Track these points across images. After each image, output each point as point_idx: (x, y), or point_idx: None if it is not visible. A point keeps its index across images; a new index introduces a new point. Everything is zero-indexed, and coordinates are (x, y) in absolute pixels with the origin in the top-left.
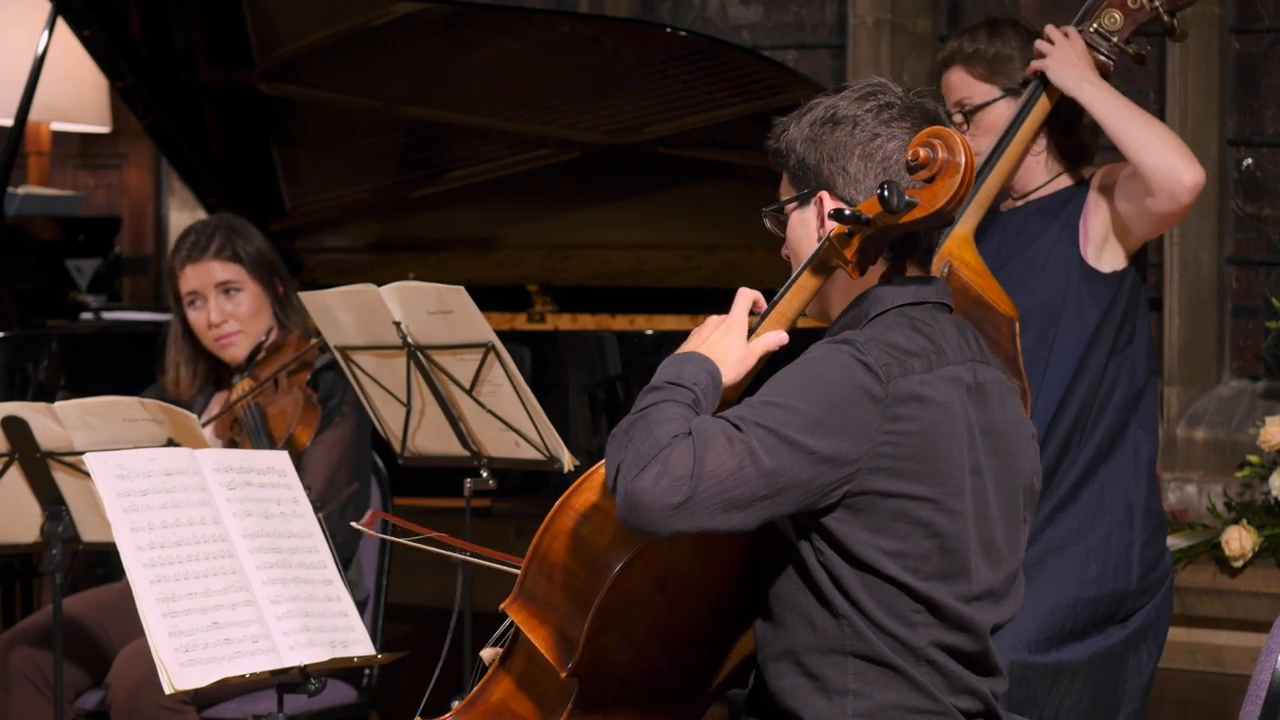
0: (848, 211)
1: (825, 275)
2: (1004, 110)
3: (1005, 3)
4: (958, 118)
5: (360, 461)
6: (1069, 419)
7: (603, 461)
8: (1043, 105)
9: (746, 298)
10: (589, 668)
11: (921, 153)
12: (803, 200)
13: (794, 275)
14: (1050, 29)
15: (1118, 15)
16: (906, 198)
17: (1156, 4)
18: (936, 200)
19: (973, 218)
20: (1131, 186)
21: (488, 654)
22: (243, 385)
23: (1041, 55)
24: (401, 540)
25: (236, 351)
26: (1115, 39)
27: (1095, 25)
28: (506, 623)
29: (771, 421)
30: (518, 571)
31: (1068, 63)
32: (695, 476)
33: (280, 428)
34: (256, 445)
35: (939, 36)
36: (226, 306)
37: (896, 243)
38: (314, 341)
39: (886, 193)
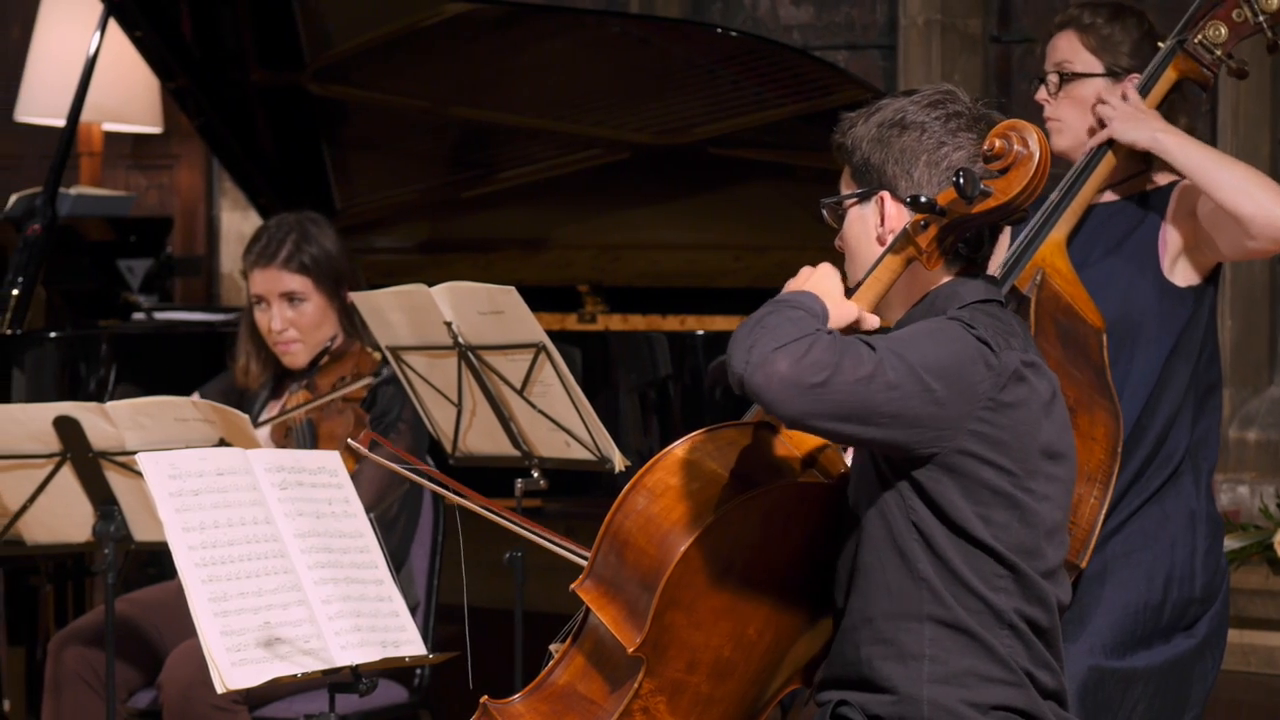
0: (924, 198)
1: (905, 263)
2: (1099, 87)
3: (1056, 1)
4: (1052, 78)
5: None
6: (1150, 442)
7: (675, 444)
8: (1108, 161)
9: (829, 267)
10: (656, 646)
11: (998, 143)
12: (863, 198)
13: (871, 267)
14: (1106, 95)
15: (1223, 29)
16: (981, 186)
17: (1261, 19)
18: (1010, 190)
19: (1065, 225)
20: (1223, 222)
21: (556, 649)
22: (299, 397)
23: (1103, 123)
24: (392, 466)
25: (294, 359)
26: (1219, 52)
27: (1199, 37)
28: (575, 616)
29: (899, 349)
30: (502, 520)
31: (1133, 120)
32: (835, 368)
33: (330, 446)
34: None
35: (990, 37)
36: (289, 314)
37: (968, 241)
38: (376, 355)
39: (962, 180)
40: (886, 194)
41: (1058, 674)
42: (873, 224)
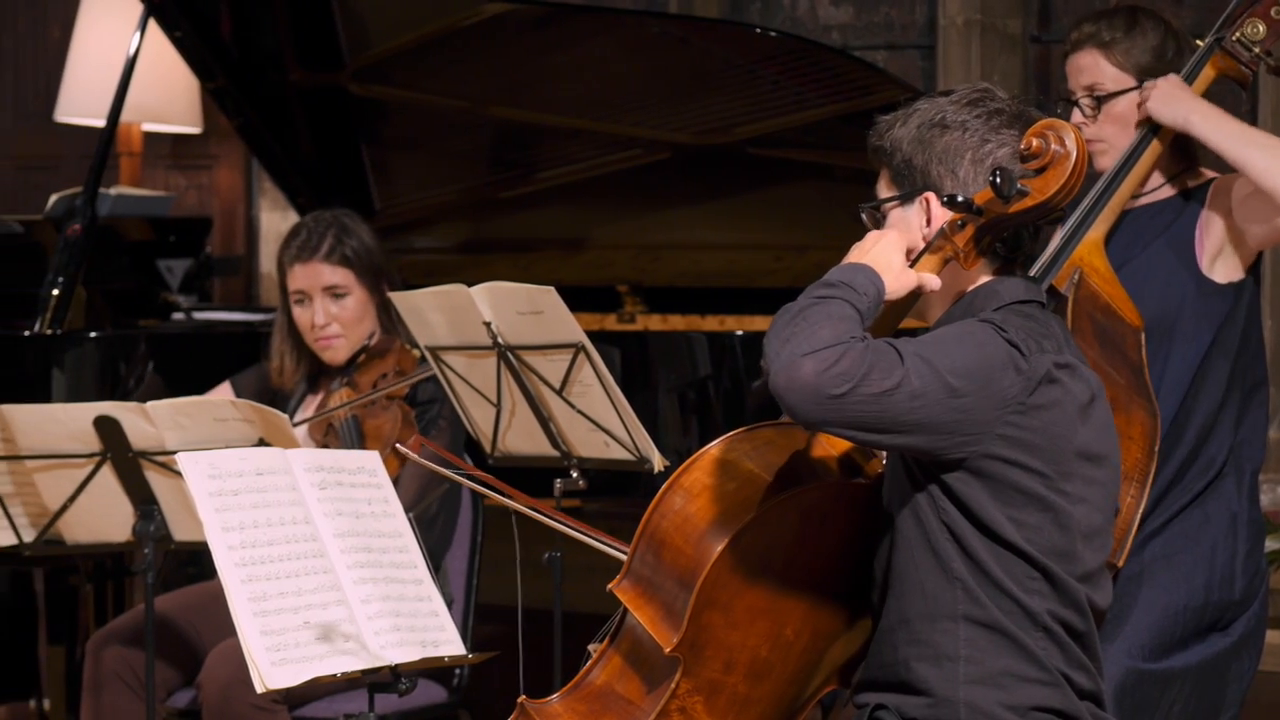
0: (960, 198)
1: (943, 262)
2: (1135, 100)
3: (1097, 1)
4: (1087, 101)
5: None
6: (1189, 441)
7: (712, 444)
8: (1154, 148)
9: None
10: (693, 645)
11: (1035, 143)
12: (905, 199)
13: (921, 251)
14: (1149, 82)
15: (1261, 25)
16: (1018, 186)
17: None
18: (1047, 189)
19: (1104, 223)
20: (1258, 206)
21: (595, 650)
22: (342, 394)
23: (1144, 101)
24: (442, 470)
25: (335, 355)
26: (1257, 49)
27: (1237, 35)
28: (613, 617)
29: (928, 354)
30: (550, 520)
31: (1170, 98)
32: (859, 380)
33: (377, 442)
34: None
35: (1030, 37)
36: (332, 309)
37: (1006, 240)
38: (416, 352)
39: (999, 179)
40: (931, 195)
41: (1094, 675)
42: (917, 225)
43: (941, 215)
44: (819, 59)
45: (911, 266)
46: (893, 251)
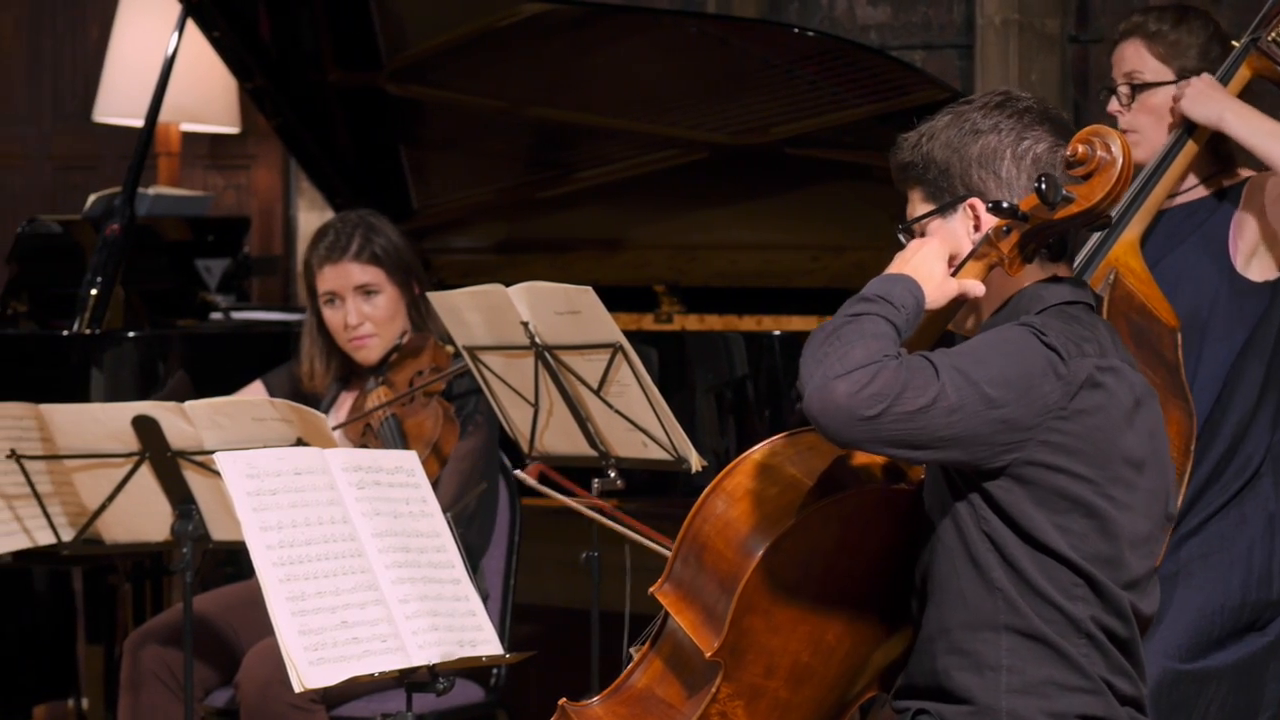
0: (1006, 204)
1: (987, 268)
2: (1171, 95)
3: (1136, 1)
4: (1124, 89)
5: (488, 469)
6: (1224, 440)
7: (754, 448)
8: (1189, 149)
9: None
10: (734, 650)
11: (1080, 149)
12: (947, 209)
13: (966, 257)
14: (1183, 81)
15: None
16: (1064, 192)
17: None
18: (1093, 196)
19: (1139, 224)
20: None
21: (636, 652)
22: (379, 394)
23: (1178, 100)
24: (562, 498)
25: (369, 354)
26: None
27: (1272, 35)
28: (654, 620)
29: (964, 366)
30: (668, 552)
31: (1203, 97)
32: (893, 399)
33: (419, 440)
34: None
35: (1068, 36)
36: (364, 309)
37: (1052, 245)
38: (450, 349)
39: (1044, 185)
40: (977, 200)
41: (1136, 681)
42: (963, 233)
43: (989, 220)
44: (857, 59)
45: (955, 274)
46: (934, 260)
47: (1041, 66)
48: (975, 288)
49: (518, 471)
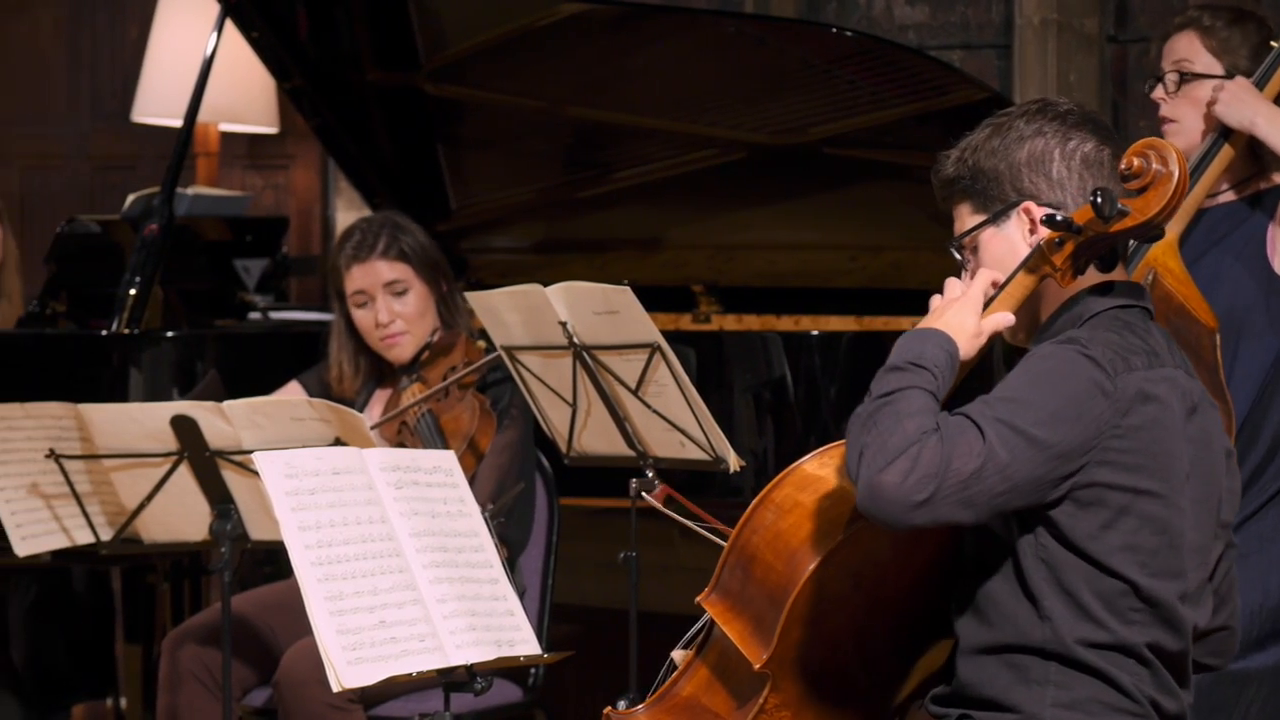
0: (1059, 217)
1: (1037, 280)
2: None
3: (1175, 0)
4: (1171, 76)
5: (525, 463)
6: (1265, 441)
7: (804, 458)
8: (1226, 151)
9: (986, 276)
10: (782, 662)
11: (1135, 162)
12: (1000, 215)
13: (1007, 279)
14: (1218, 82)
15: None
16: (1119, 206)
17: None
18: (1148, 210)
19: (1178, 224)
20: None
21: (678, 655)
22: (413, 390)
23: (1213, 102)
24: (686, 521)
25: (401, 352)
26: None
27: None
28: (698, 624)
29: (1008, 416)
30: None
31: (1237, 100)
32: (940, 475)
33: (456, 435)
34: (428, 449)
35: (1107, 36)
36: (395, 306)
37: (1108, 252)
38: (481, 344)
39: (1100, 199)
40: (1030, 203)
41: (1180, 697)
42: (1019, 238)
43: (1042, 230)
44: (895, 59)
45: (1005, 285)
46: (967, 313)
47: (1080, 66)
48: (1004, 320)
49: (645, 495)
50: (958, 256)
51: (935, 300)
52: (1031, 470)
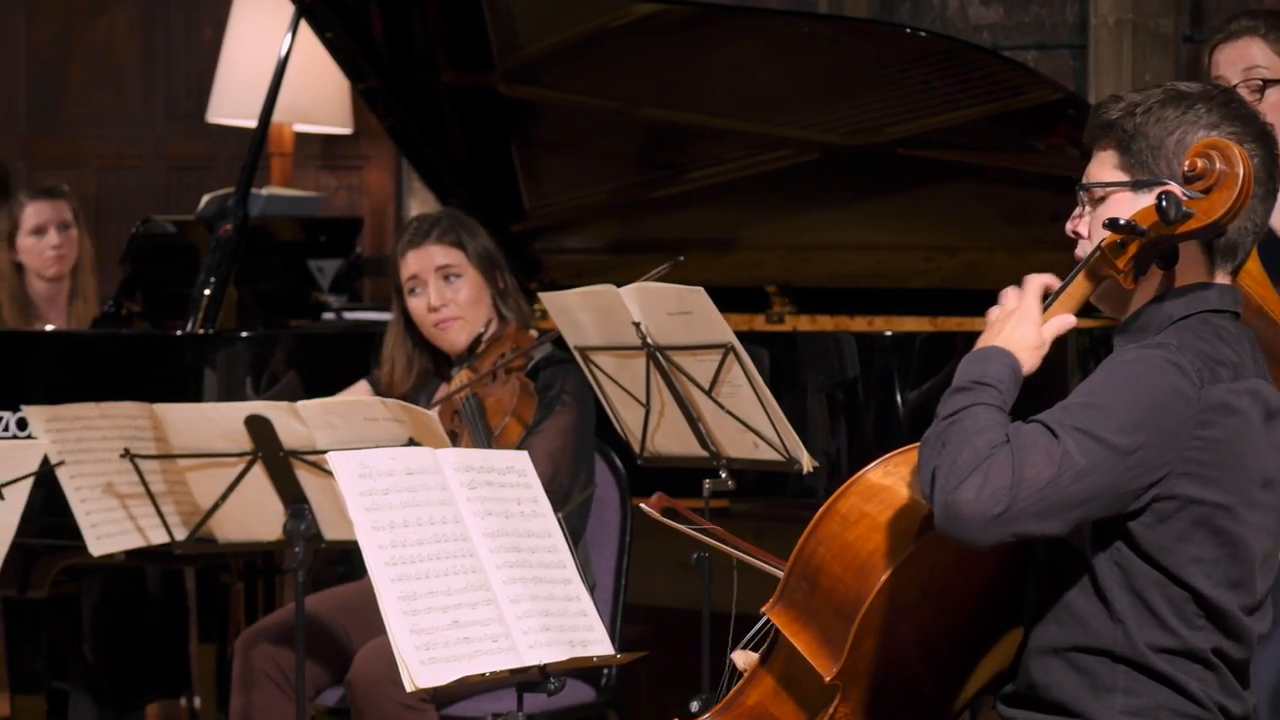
0: (1123, 221)
1: (1097, 281)
2: None
3: (1250, 0)
4: (1251, 84)
5: (583, 454)
6: None
7: (868, 467)
8: None
9: (1038, 283)
10: (852, 673)
11: (1199, 163)
12: (1139, 186)
13: (1072, 274)
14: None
15: None
16: (1183, 208)
17: None
18: (1214, 211)
19: None
20: None
21: (739, 657)
22: (461, 376)
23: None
24: (680, 527)
25: (456, 338)
26: None
27: None
28: (757, 625)
29: (1087, 424)
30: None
31: None
32: (1014, 486)
33: (497, 417)
34: (474, 434)
35: (1182, 36)
36: (446, 292)
37: (1169, 252)
38: (533, 333)
39: (1165, 203)
40: (1176, 187)
41: (1245, 699)
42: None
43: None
44: (969, 59)
45: (1066, 286)
46: (1027, 327)
47: (1155, 67)
48: (1066, 323)
49: (641, 504)
50: (1081, 197)
51: (993, 313)
52: (1112, 479)
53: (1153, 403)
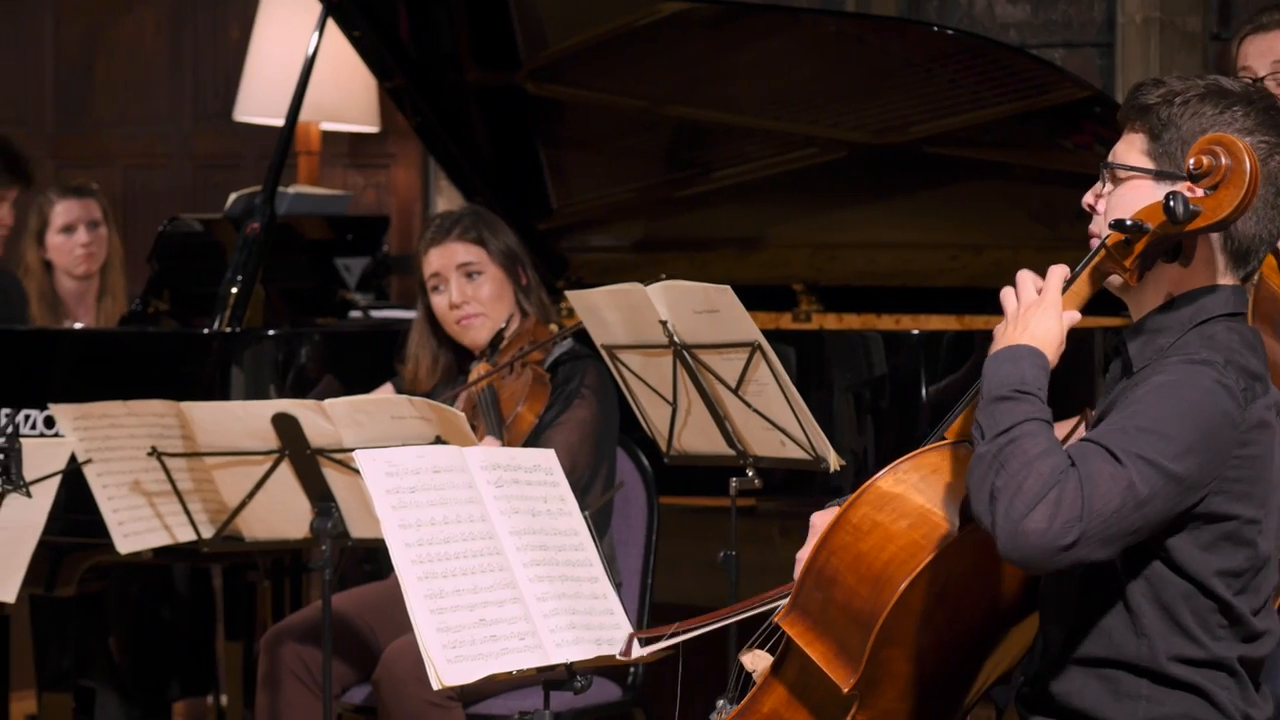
0: (1129, 221)
1: (1101, 278)
2: None
3: None
4: (1273, 80)
5: (603, 448)
6: None
7: (877, 475)
8: None
9: (1060, 275)
10: (869, 682)
11: (1205, 160)
12: (1161, 177)
13: (1077, 271)
14: None
15: None
16: (1190, 207)
17: None
18: (1220, 209)
19: None
20: None
21: (747, 659)
22: (480, 369)
23: None
24: (668, 642)
25: (477, 334)
26: None
27: None
28: (764, 626)
29: (1150, 452)
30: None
31: None
32: (1085, 518)
33: (510, 406)
34: (487, 423)
35: (1209, 34)
36: (468, 289)
37: (1174, 247)
38: (553, 327)
39: (1172, 202)
40: (1193, 187)
41: (1266, 703)
42: (1149, 204)
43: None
44: (996, 57)
45: (1072, 282)
46: (1052, 320)
47: (1183, 65)
48: (1073, 319)
49: (634, 634)
50: (1104, 175)
51: (1009, 300)
52: (1167, 506)
53: (1206, 428)
